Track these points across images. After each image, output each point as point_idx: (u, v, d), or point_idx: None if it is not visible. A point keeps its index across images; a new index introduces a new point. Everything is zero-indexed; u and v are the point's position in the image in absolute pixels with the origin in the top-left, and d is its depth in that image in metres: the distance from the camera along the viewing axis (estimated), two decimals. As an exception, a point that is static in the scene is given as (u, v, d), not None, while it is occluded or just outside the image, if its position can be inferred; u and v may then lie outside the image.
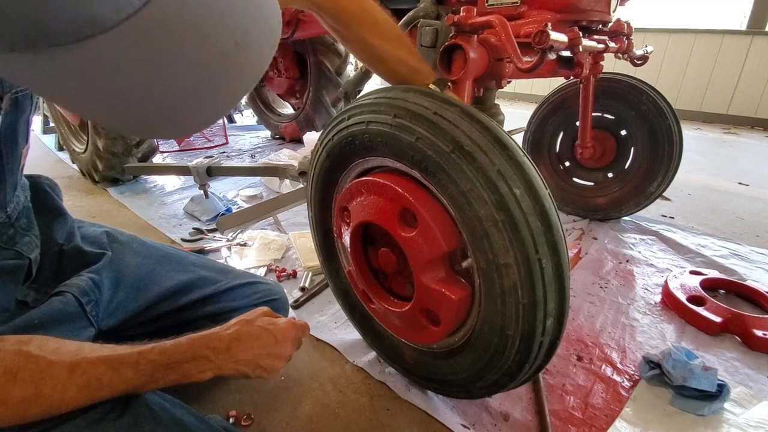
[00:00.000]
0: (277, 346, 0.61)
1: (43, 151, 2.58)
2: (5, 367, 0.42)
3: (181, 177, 2.01)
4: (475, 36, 0.76)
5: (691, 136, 3.32)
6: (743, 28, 3.79)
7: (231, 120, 3.40)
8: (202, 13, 0.27)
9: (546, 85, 4.37)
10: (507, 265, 0.52)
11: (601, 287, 1.20)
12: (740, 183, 2.19)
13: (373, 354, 0.89)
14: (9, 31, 0.22)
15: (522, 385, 0.66)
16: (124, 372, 0.49)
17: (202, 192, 1.57)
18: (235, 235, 1.42)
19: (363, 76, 1.29)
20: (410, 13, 0.98)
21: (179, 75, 0.27)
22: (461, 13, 0.74)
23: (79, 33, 0.23)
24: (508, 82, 0.92)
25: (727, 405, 0.79)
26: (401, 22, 0.96)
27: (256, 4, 0.30)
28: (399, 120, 0.58)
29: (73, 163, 2.13)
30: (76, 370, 0.46)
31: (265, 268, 1.23)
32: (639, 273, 1.28)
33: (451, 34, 0.77)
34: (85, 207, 1.74)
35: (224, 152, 2.54)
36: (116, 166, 1.83)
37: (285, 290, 0.92)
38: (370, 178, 0.65)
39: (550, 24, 0.70)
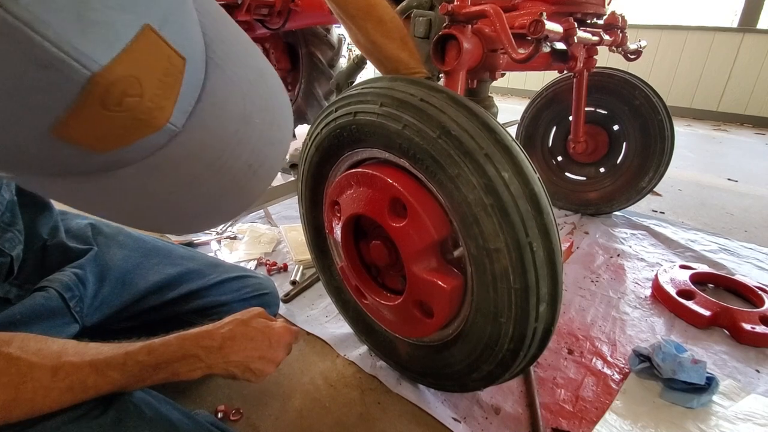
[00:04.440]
0: (270, 350, 0.59)
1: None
2: None
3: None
4: (470, 26, 0.75)
5: (682, 132, 3.35)
6: (734, 25, 3.82)
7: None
8: (222, 145, 0.29)
9: (539, 81, 4.37)
10: (498, 250, 0.52)
11: (592, 281, 1.20)
12: (729, 179, 2.22)
13: (364, 348, 0.88)
14: (49, 169, 0.25)
15: (516, 376, 0.66)
16: (110, 374, 0.47)
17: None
18: (224, 227, 1.40)
19: (355, 68, 1.27)
20: (404, 3, 0.96)
21: (193, 197, 0.30)
22: (455, 2, 0.73)
23: (106, 169, 0.26)
24: (502, 75, 0.91)
25: (715, 398, 0.79)
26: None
27: (273, 124, 0.31)
28: (386, 108, 0.57)
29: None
30: (59, 372, 0.44)
31: (256, 261, 1.21)
32: (630, 267, 1.29)
33: (444, 24, 0.76)
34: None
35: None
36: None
37: (276, 284, 0.90)
38: (359, 170, 0.64)
39: (545, 14, 0.69)
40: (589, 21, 1.12)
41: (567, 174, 1.67)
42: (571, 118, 1.46)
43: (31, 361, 0.43)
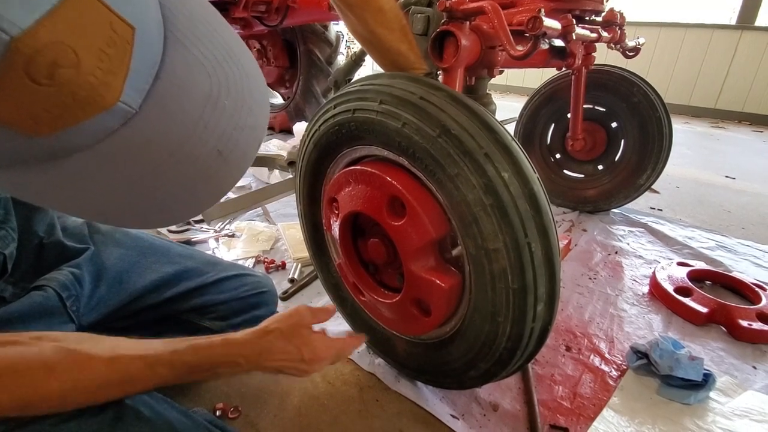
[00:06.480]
0: (302, 364, 0.60)
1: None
2: (44, 360, 0.43)
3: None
4: (468, 23, 0.75)
5: (680, 129, 3.36)
6: (732, 22, 3.82)
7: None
8: (186, 129, 0.26)
9: (538, 78, 4.37)
10: (496, 250, 0.52)
11: (590, 278, 1.20)
12: (727, 176, 2.22)
13: (362, 345, 0.88)
14: None
15: (514, 374, 0.66)
16: (159, 370, 0.49)
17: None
18: (222, 225, 1.40)
19: (353, 65, 1.26)
20: (401, 0, 0.96)
21: (156, 187, 0.27)
22: (453, -1, 0.73)
23: (55, 156, 0.23)
24: (500, 72, 0.91)
25: (712, 394, 0.80)
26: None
27: (244, 107, 0.29)
28: (385, 106, 0.57)
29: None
30: (114, 364, 0.46)
31: (254, 259, 1.21)
32: (627, 264, 1.29)
33: (442, 21, 0.76)
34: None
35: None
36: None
37: (274, 282, 0.90)
38: (358, 168, 0.64)
39: (543, 10, 0.69)
40: (587, 18, 1.12)
41: (565, 171, 1.67)
42: (569, 115, 1.46)
43: (88, 353, 0.45)
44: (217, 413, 0.72)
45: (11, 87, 0.19)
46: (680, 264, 1.21)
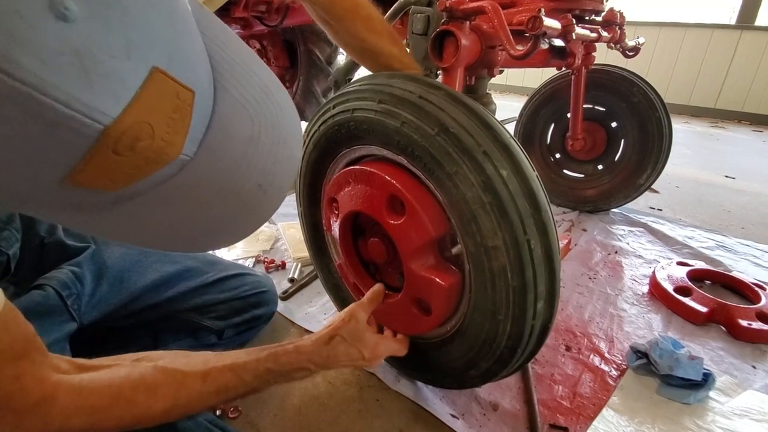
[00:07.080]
0: (363, 362, 0.64)
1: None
2: (146, 384, 0.46)
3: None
4: (468, 22, 0.75)
5: (680, 129, 3.36)
6: (732, 22, 3.82)
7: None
8: (232, 168, 0.28)
9: (538, 78, 4.37)
10: (496, 247, 0.52)
11: (590, 278, 1.21)
12: (727, 176, 2.22)
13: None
14: (61, 208, 0.26)
15: (514, 373, 0.66)
16: (246, 378, 0.53)
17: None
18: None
19: (353, 65, 1.26)
20: (401, 0, 0.96)
21: (203, 221, 0.30)
22: (453, -1, 0.73)
23: (116, 202, 0.26)
24: (500, 72, 0.91)
25: (712, 393, 0.80)
26: (392, 9, 0.94)
27: (280, 142, 0.31)
28: (384, 105, 0.57)
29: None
30: (208, 378, 0.50)
31: (254, 259, 1.21)
32: (627, 264, 1.29)
33: (442, 21, 0.76)
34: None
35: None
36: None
37: (274, 282, 0.91)
38: (357, 167, 0.64)
39: (543, 10, 0.69)
40: (587, 17, 1.12)
41: (565, 171, 1.67)
42: (569, 115, 1.46)
43: (184, 371, 0.49)
44: (218, 413, 0.72)
45: (98, 162, 0.21)
46: (680, 264, 1.21)
